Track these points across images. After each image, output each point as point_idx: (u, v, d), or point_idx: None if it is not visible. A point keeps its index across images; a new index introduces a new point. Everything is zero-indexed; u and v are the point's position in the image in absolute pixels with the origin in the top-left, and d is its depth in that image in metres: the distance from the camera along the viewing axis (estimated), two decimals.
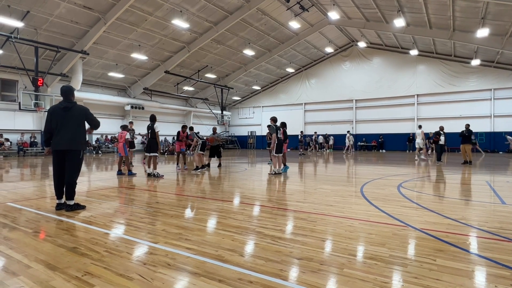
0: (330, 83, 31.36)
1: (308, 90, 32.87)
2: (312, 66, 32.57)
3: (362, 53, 29.35)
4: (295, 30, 24.86)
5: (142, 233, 3.70)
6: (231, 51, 25.85)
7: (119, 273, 2.56)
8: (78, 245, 3.24)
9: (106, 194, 6.35)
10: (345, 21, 23.78)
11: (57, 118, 4.85)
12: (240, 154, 24.66)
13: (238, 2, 19.98)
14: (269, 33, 24.70)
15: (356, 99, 29.95)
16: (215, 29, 21.77)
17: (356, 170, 12.02)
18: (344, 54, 30.58)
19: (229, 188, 7.53)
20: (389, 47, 27.75)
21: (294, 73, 33.47)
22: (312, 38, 26.84)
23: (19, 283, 2.38)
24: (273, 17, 22.56)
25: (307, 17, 23.47)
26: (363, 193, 6.37)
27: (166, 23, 19.85)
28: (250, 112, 37.40)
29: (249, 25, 22.75)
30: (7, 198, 5.84)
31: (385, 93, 28.28)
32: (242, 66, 29.33)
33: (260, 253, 3.03)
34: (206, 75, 28.58)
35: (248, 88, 35.01)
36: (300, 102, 33.41)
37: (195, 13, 19.85)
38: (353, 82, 29.92)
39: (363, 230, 3.82)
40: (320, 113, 32.34)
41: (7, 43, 16.91)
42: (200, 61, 26.30)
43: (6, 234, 3.66)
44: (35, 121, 21.88)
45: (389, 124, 28.37)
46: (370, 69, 29.11)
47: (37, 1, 15.66)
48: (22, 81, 20.47)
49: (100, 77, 24.61)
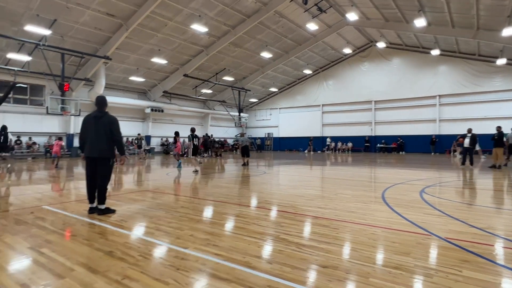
0: (348, 84, 31.06)
1: (325, 92, 32.67)
2: (330, 67, 32.37)
3: (381, 54, 28.91)
4: (313, 32, 24.80)
5: (172, 238, 3.87)
6: (249, 53, 26.07)
7: (155, 278, 2.72)
8: (114, 249, 3.45)
9: (133, 198, 6.62)
10: (363, 21, 23.53)
11: (89, 127, 5.13)
12: (257, 156, 24.80)
13: (256, 6, 20.16)
14: (286, 35, 24.75)
15: (375, 100, 29.53)
16: (233, 32, 22.03)
17: (376, 174, 11.91)
18: (363, 55, 30.22)
19: (250, 193, 7.67)
20: (410, 47, 27.23)
21: (312, 75, 33.35)
22: (329, 39, 26.71)
23: (66, 285, 2.59)
24: (291, 19, 22.61)
25: (325, 19, 23.37)
26: (385, 199, 6.35)
27: (185, 28, 20.27)
28: (267, 114, 37.53)
29: (267, 28, 22.89)
30: (42, 201, 6.19)
31: (405, 94, 27.74)
32: (259, 68, 29.50)
33: (286, 260, 3.13)
34: (224, 77, 28.94)
35: (265, 90, 35.16)
36: (317, 104, 33.26)
37: (213, 17, 20.17)
38: (372, 83, 29.51)
39: (386, 238, 3.85)
40: (338, 115, 32.09)
41: (35, 50, 17.73)
42: (218, 64, 26.66)
43: (47, 237, 3.92)
44: (61, 124, 22.79)
45: (410, 126, 27.80)
46: (390, 69, 28.64)
47: (63, 10, 16.36)
48: (49, 86, 21.43)
49: (121, 81, 25.37)
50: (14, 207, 5.67)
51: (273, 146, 37.00)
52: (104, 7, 16.92)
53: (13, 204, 5.99)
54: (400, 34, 24.72)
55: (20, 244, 3.63)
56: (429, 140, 26.02)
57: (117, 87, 25.74)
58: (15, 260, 3.17)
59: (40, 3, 15.47)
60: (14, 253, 3.37)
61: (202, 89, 29.81)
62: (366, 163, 17.21)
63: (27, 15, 16.06)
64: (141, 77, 25.37)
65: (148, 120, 28.12)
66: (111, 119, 5.16)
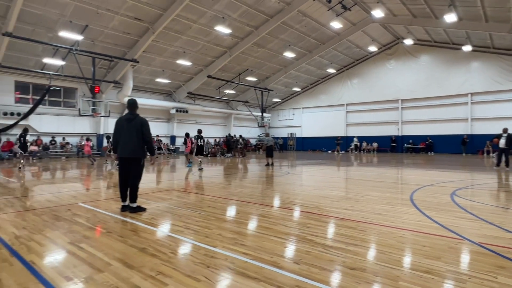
0: (373, 83, 30.32)
1: (350, 91, 32.08)
2: (354, 65, 31.75)
3: (409, 51, 28.01)
4: (337, 30, 24.44)
5: (200, 236, 3.99)
6: (272, 53, 26.08)
7: (187, 274, 2.84)
8: (146, 246, 3.61)
9: (161, 197, 6.85)
10: (390, 18, 22.90)
11: (121, 128, 5.37)
12: (280, 156, 24.77)
13: (279, 6, 20.14)
14: (309, 34, 24.54)
15: (402, 99, 28.63)
16: (256, 33, 22.13)
17: (403, 175, 11.60)
18: (389, 53, 29.40)
19: (274, 193, 7.71)
20: (439, 43, 26.18)
21: (335, 74, 32.85)
22: (354, 38, 26.20)
23: (105, 279, 2.75)
24: (314, 18, 22.40)
25: (349, 17, 22.96)
26: (413, 201, 6.20)
27: (209, 29, 20.60)
28: (290, 114, 37.36)
29: (290, 27, 22.80)
30: (78, 199, 6.54)
31: (434, 92, 26.71)
32: (282, 68, 29.44)
33: (313, 261, 3.16)
34: (247, 78, 29.11)
35: (288, 89, 35.02)
36: (341, 103, 32.71)
37: (236, 19, 20.36)
38: (399, 81, 28.65)
39: (416, 242, 3.77)
40: (363, 114, 31.39)
41: (69, 54, 18.65)
42: (241, 65, 26.86)
43: (84, 233, 4.16)
44: (92, 125, 23.81)
45: (439, 125, 26.72)
46: (418, 67, 27.68)
47: (94, 16, 17.11)
48: (81, 89, 22.46)
49: (148, 83, 26.15)
50: (53, 204, 6.03)
51: (296, 146, 36.79)
52: (132, 11, 17.53)
53: (52, 201, 6.37)
54: (429, 30, 23.84)
55: (61, 239, 3.88)
56: (460, 140, 24.92)
57: (144, 89, 26.55)
58: (58, 254, 3.39)
59: (73, 10, 16.26)
60: (56, 247, 3.61)
61: (225, 90, 30.15)
62: (392, 164, 16.77)
63: (61, 22, 16.93)
64: (167, 79, 26.04)
65: (173, 121, 28.81)
66: (142, 121, 5.37)
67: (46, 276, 2.81)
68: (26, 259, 3.20)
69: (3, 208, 5.70)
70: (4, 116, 19.26)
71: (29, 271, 2.93)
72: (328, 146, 33.11)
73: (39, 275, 2.83)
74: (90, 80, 19.44)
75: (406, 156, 24.14)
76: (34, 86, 21.35)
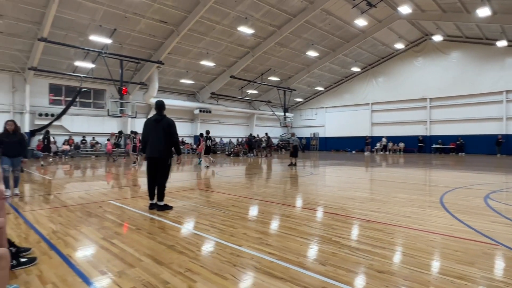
0: (400, 81, 29.39)
1: (375, 89, 31.29)
2: (380, 64, 30.93)
3: (438, 47, 26.93)
4: (361, 28, 23.91)
5: (226, 235, 4.05)
6: (294, 53, 25.93)
7: (214, 272, 2.90)
8: (174, 243, 3.71)
9: (186, 196, 7.00)
10: (418, 14, 22.14)
11: (149, 129, 5.55)
12: (303, 156, 24.56)
13: (302, 4, 19.99)
14: (333, 33, 24.18)
15: (431, 98, 27.58)
16: (279, 32, 22.08)
17: (432, 177, 11.19)
18: (416, 50, 28.41)
19: (298, 193, 7.69)
20: (471, 39, 24.99)
21: (360, 72, 32.16)
22: (379, 35, 25.54)
23: (137, 274, 2.86)
24: (338, 16, 22.04)
25: (375, 13, 22.39)
26: (444, 204, 5.97)
27: (232, 30, 20.78)
28: (313, 113, 36.97)
29: (313, 26, 22.57)
30: (108, 197, 6.82)
31: (466, 90, 25.52)
32: (305, 67, 29.19)
33: (340, 263, 3.13)
34: (269, 78, 29.11)
35: (311, 89, 34.68)
36: (366, 102, 31.96)
37: (259, 19, 20.41)
38: (427, 79, 27.60)
39: (447, 246, 3.64)
40: (389, 113, 30.51)
41: (98, 57, 19.43)
42: (264, 65, 26.89)
43: (116, 229, 4.34)
44: (120, 125, 24.66)
45: (471, 125, 25.50)
46: (447, 64, 26.56)
47: (122, 20, 17.73)
48: (110, 90, 23.35)
49: (172, 84, 26.76)
50: (85, 201, 6.32)
51: (319, 146, 36.36)
52: (157, 14, 18.00)
53: (84, 198, 6.68)
54: (460, 25, 22.82)
55: (94, 235, 4.06)
56: (494, 140, 23.67)
57: (169, 90, 27.18)
58: (92, 249, 3.56)
59: (102, 15, 16.93)
60: (90, 242, 3.79)
61: (248, 90, 30.29)
62: (420, 164, 16.21)
63: (92, 26, 17.67)
64: (191, 80, 26.53)
65: (196, 121, 29.32)
66: (170, 122, 5.52)
67: (82, 269, 2.96)
68: (64, 253, 3.39)
69: (40, 204, 6.04)
70: (40, 117, 20.36)
71: (67, 264, 3.10)
72: (352, 146, 32.47)
73: (75, 268, 2.98)
74: (118, 82, 20.17)
75: (434, 156, 23.26)
76: (66, 88, 22.43)
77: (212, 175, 11.36)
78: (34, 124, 20.27)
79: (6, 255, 2.02)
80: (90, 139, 23.22)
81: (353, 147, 32.34)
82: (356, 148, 32.05)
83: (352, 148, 32.37)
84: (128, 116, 21.06)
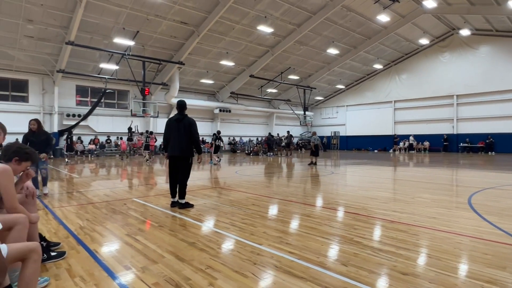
0: (425, 78, 28.42)
1: (398, 87, 30.43)
2: (403, 60, 30.06)
3: (465, 42, 25.83)
4: (384, 24, 23.31)
5: (246, 233, 4.07)
6: (314, 51, 25.65)
7: (235, 270, 2.91)
8: (195, 241, 3.77)
9: (207, 194, 7.09)
10: (444, 8, 21.32)
11: (171, 129, 5.65)
12: (323, 155, 24.27)
13: (322, 2, 19.73)
14: (354, 30, 23.72)
15: (458, 95, 26.52)
16: (298, 30, 21.91)
17: (459, 177, 10.76)
18: (442, 45, 27.38)
19: (318, 193, 7.60)
20: (502, 32, 23.78)
21: (382, 69, 31.38)
22: (403, 30, 24.79)
23: (159, 269, 2.93)
24: (359, 13, 21.59)
25: (398, 9, 21.78)
26: (472, 205, 5.73)
27: (251, 29, 20.82)
28: (334, 112, 36.44)
29: (333, 23, 22.23)
30: (132, 194, 7.02)
31: (496, 86, 24.33)
32: (326, 65, 28.81)
33: (361, 263, 3.06)
34: (289, 76, 28.95)
35: (331, 87, 34.19)
36: (389, 100, 31.15)
37: (278, 17, 20.33)
38: (454, 75, 26.54)
39: (476, 249, 3.49)
40: (413, 111, 29.59)
41: (122, 59, 20.02)
42: (283, 63, 26.78)
43: (139, 226, 4.45)
44: (142, 125, 25.28)
45: (502, 122, 24.29)
46: (476, 59, 25.43)
47: (144, 22, 18.17)
48: (133, 91, 24.00)
49: (193, 84, 27.16)
50: (110, 198, 6.54)
51: (339, 145, 35.81)
52: (178, 16, 18.31)
53: (109, 195, 6.90)
54: (490, 18, 21.79)
55: (119, 231, 4.19)
56: None
57: (189, 90, 27.61)
58: (117, 244, 3.68)
59: (126, 17, 17.42)
60: (115, 238, 3.92)
61: (267, 89, 30.27)
62: (446, 164, 15.62)
63: (116, 29, 18.22)
64: (211, 79, 26.82)
65: (216, 120, 29.61)
66: (191, 121, 5.62)
67: (107, 264, 3.06)
68: (90, 248, 3.52)
69: (68, 201, 6.30)
70: (67, 117, 21.24)
71: (93, 258, 3.21)
72: (374, 145, 31.77)
73: (101, 263, 3.09)
74: (140, 83, 20.72)
75: (462, 156, 22.35)
76: (92, 89, 23.27)
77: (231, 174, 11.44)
78: (62, 124, 21.19)
79: (38, 249, 2.12)
80: (114, 139, 23.96)
81: (375, 146, 31.64)
82: (379, 147, 31.33)
83: (374, 147, 31.66)
84: (151, 116, 21.57)
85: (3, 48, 17.71)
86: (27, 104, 20.44)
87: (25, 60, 19.13)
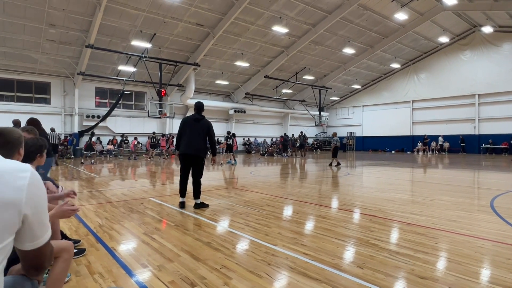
0: (445, 77, 27.63)
1: (416, 86, 29.71)
2: (422, 59, 29.33)
3: (488, 39, 24.96)
4: (402, 22, 22.82)
5: (261, 234, 4.08)
6: (330, 51, 25.39)
7: (249, 270, 2.92)
8: (210, 240, 3.80)
9: (222, 194, 7.14)
10: (464, 4, 20.69)
11: (188, 127, 5.72)
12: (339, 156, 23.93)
13: (338, 1, 19.50)
14: (371, 28, 23.33)
15: (480, 94, 25.65)
16: (313, 30, 21.74)
17: (481, 179, 10.41)
18: (463, 43, 26.56)
19: (334, 194, 7.52)
20: None
21: (400, 69, 30.72)
22: (421, 29, 24.20)
23: (175, 268, 2.97)
24: (376, 11, 21.22)
25: (416, 6, 21.27)
26: (494, 208, 5.53)
27: (266, 30, 20.82)
28: (349, 112, 35.95)
29: (349, 23, 21.95)
30: (149, 194, 7.15)
31: None
32: (341, 65, 28.46)
33: (378, 266, 3.01)
34: (304, 76, 28.77)
35: (347, 87, 33.75)
36: (407, 100, 30.46)
37: (293, 17, 20.24)
38: (476, 74, 25.69)
39: (499, 254, 3.37)
40: (432, 112, 28.81)
41: (139, 62, 20.44)
42: (298, 64, 26.64)
43: (156, 225, 4.54)
44: (159, 126, 25.73)
45: None
46: (499, 57, 24.53)
47: (161, 24, 18.47)
48: (149, 93, 24.44)
49: (208, 85, 27.40)
50: (127, 197, 6.68)
51: (355, 146, 35.30)
52: (194, 18, 18.53)
53: (126, 195, 7.05)
54: None
55: (136, 230, 4.28)
56: None
57: (205, 91, 27.87)
58: (134, 243, 3.76)
59: (143, 20, 17.77)
60: (132, 236, 4.00)
61: (282, 89, 30.18)
62: (467, 165, 15.14)
63: (133, 32, 18.61)
64: (226, 81, 26.99)
65: (231, 121, 29.75)
66: (209, 123, 5.71)
67: (125, 262, 3.13)
68: (109, 246, 3.61)
69: (88, 200, 6.48)
70: (87, 118, 21.85)
71: (112, 256, 3.30)
72: (391, 145, 31.15)
73: (119, 261, 3.17)
74: (157, 84, 21.07)
75: (484, 157, 21.60)
76: (110, 91, 23.84)
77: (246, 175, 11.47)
78: (82, 125, 21.81)
79: (70, 248, 2.07)
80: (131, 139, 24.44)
81: (392, 147, 31.02)
82: (396, 148, 30.70)
83: (392, 148, 31.04)
84: (167, 117, 21.92)
85: (27, 52, 18.41)
86: (50, 105, 21.14)
87: (48, 63, 19.82)
